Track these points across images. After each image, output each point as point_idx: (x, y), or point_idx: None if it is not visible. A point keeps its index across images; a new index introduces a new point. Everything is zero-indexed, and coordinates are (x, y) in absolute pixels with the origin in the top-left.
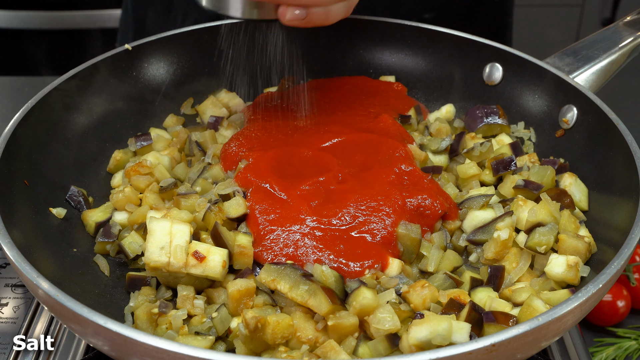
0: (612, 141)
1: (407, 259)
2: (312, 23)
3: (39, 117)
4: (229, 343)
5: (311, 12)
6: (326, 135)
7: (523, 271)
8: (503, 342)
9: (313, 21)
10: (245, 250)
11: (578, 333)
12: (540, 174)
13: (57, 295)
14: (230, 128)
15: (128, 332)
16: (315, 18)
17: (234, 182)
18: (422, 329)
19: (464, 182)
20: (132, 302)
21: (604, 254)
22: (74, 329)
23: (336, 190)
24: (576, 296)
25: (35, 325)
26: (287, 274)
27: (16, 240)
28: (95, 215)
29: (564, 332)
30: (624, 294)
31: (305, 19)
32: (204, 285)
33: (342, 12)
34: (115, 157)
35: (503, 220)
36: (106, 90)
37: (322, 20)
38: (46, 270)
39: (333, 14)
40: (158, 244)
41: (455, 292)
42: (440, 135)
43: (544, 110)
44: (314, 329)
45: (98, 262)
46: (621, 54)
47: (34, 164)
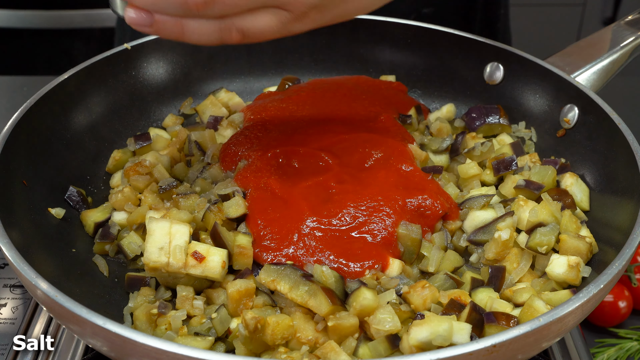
0: (614, 141)
1: (408, 260)
2: (163, 33)
3: (37, 116)
4: (228, 344)
5: (158, 20)
6: (326, 135)
7: (524, 271)
8: (504, 343)
9: (162, 31)
10: (244, 250)
11: (579, 334)
12: (541, 174)
13: (56, 295)
14: (229, 128)
15: (127, 332)
16: (163, 28)
17: (234, 182)
18: (423, 329)
19: (465, 182)
20: (131, 302)
21: (605, 254)
22: (73, 330)
23: (336, 190)
24: (577, 297)
25: (34, 325)
26: (287, 274)
27: (15, 240)
28: (94, 215)
29: (565, 332)
30: (625, 294)
31: (152, 27)
32: (203, 285)
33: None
34: (114, 157)
35: (504, 220)
36: (105, 90)
37: (176, 34)
38: (45, 271)
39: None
40: (157, 244)
41: (456, 292)
42: (440, 135)
43: (545, 110)
44: (314, 329)
45: (97, 263)
46: (622, 53)
47: (33, 164)
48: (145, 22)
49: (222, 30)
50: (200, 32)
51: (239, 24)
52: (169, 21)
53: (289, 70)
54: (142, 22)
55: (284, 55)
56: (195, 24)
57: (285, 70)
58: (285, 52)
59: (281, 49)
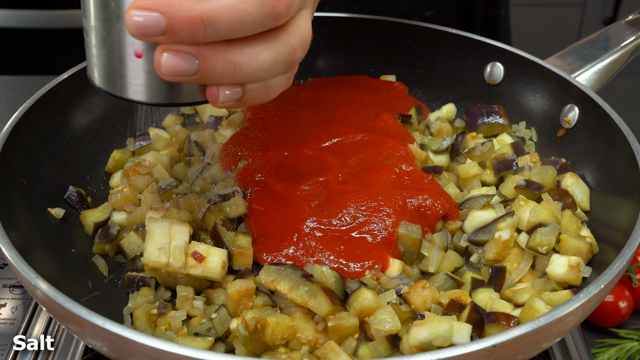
0: (614, 141)
1: (408, 260)
2: (250, 102)
3: (37, 116)
4: (228, 344)
5: (249, 90)
6: (326, 135)
7: (524, 272)
8: (504, 343)
9: (251, 100)
10: (244, 250)
11: (580, 334)
12: (541, 174)
13: (56, 296)
14: (229, 128)
15: (127, 333)
16: (253, 96)
17: (234, 182)
18: (423, 330)
19: (465, 182)
20: (130, 302)
21: (605, 254)
22: (73, 330)
23: (336, 190)
24: (578, 297)
25: (33, 326)
26: (287, 274)
27: (14, 240)
28: (94, 215)
29: (565, 333)
30: (626, 294)
31: (241, 99)
32: (203, 285)
33: (282, 84)
34: (114, 157)
35: (504, 220)
36: None
37: (262, 97)
38: (44, 271)
39: (273, 88)
40: (157, 244)
41: (456, 292)
42: (441, 135)
43: (546, 110)
44: (314, 329)
45: (97, 263)
46: (623, 53)
47: (33, 164)
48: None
49: (289, 78)
50: (278, 88)
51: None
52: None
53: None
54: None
55: None
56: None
57: None
58: None
59: None
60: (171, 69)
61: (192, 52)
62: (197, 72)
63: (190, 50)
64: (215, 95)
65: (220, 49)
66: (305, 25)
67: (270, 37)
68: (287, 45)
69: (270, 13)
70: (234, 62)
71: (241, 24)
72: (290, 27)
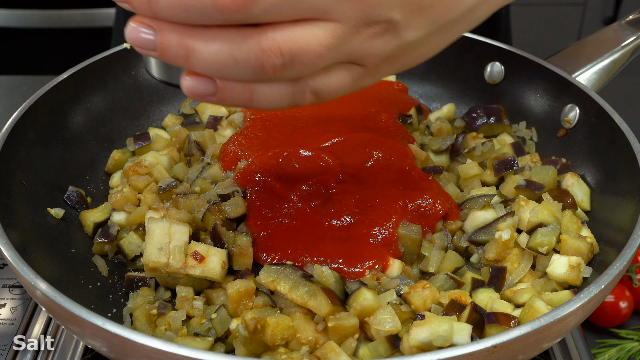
0: (615, 141)
1: (408, 260)
2: (228, 102)
3: (36, 116)
4: (228, 344)
5: (222, 88)
6: (326, 135)
7: (525, 272)
8: (504, 344)
9: (228, 99)
10: (244, 250)
11: (580, 334)
12: (542, 174)
13: (55, 296)
14: (229, 127)
15: (126, 333)
16: (230, 96)
17: (234, 182)
18: (423, 330)
19: (465, 182)
20: (130, 303)
21: (606, 254)
22: (72, 330)
23: (336, 190)
24: (578, 297)
25: (33, 326)
26: (287, 274)
27: (14, 240)
28: (94, 215)
29: (566, 333)
30: (626, 294)
31: (215, 95)
32: (203, 286)
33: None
34: (113, 157)
35: (504, 220)
36: (104, 90)
37: (243, 100)
38: (44, 271)
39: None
40: (157, 244)
41: (457, 293)
42: (441, 135)
43: (546, 110)
44: (314, 330)
45: (96, 263)
46: (623, 53)
47: (32, 164)
48: (208, 90)
49: (295, 93)
50: (272, 98)
51: (313, 84)
52: (236, 87)
53: None
54: (204, 91)
55: None
56: (266, 88)
57: None
58: None
59: None
60: (131, 37)
61: (151, 25)
62: (155, 47)
63: (151, 23)
64: (182, 82)
65: (179, 29)
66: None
67: (236, 32)
68: (254, 45)
69: (212, 4)
70: (187, 46)
71: (182, 7)
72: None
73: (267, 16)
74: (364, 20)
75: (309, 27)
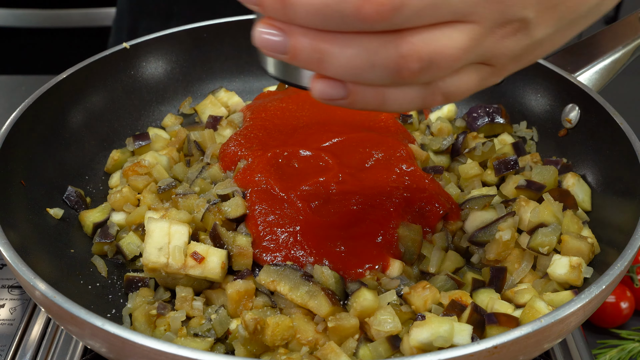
0: (616, 141)
1: (408, 260)
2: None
3: (35, 116)
4: (228, 345)
5: (354, 92)
6: (326, 135)
7: (525, 272)
8: (505, 344)
9: (358, 103)
10: (244, 251)
11: (581, 335)
12: (542, 174)
13: (54, 296)
14: (229, 127)
15: (126, 333)
16: (361, 100)
17: (233, 182)
18: (424, 330)
19: (466, 182)
20: (130, 303)
21: (607, 255)
22: (72, 331)
23: (336, 190)
24: (579, 297)
25: (32, 327)
26: (287, 275)
27: (13, 241)
28: (93, 215)
29: (566, 334)
30: (627, 295)
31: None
32: (202, 286)
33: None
34: (113, 157)
35: (505, 220)
36: (104, 89)
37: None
38: (43, 272)
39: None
40: (156, 244)
41: (457, 293)
42: (441, 134)
43: (547, 110)
44: (314, 330)
45: (95, 263)
46: (624, 52)
47: (31, 164)
48: (339, 94)
49: (427, 95)
50: (403, 100)
51: (444, 86)
52: (368, 91)
53: None
54: (335, 95)
55: None
56: (398, 92)
57: None
58: None
59: None
60: (261, 40)
61: (282, 28)
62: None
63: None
64: (312, 87)
65: (312, 33)
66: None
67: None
68: (392, 51)
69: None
70: (320, 50)
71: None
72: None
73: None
74: (500, 20)
75: (447, 30)
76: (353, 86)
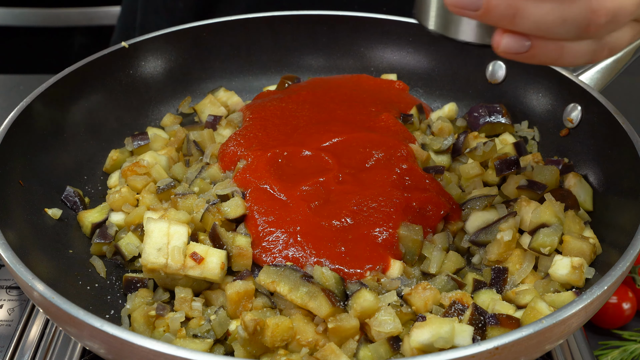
0: (618, 141)
1: (409, 261)
2: (538, 59)
3: (34, 115)
4: (227, 346)
5: (537, 45)
6: (326, 134)
7: (527, 273)
8: (506, 345)
9: (539, 57)
10: (244, 251)
11: (583, 336)
12: (544, 174)
13: (53, 297)
14: (228, 127)
15: (125, 335)
16: (542, 53)
17: (233, 182)
18: (424, 331)
19: (467, 182)
20: (128, 304)
21: (609, 255)
22: (70, 332)
23: (336, 190)
24: (581, 298)
25: (30, 328)
26: (287, 275)
27: (11, 241)
28: (92, 216)
29: (568, 334)
30: (629, 296)
31: (528, 53)
32: (202, 287)
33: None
34: (111, 156)
35: (506, 221)
36: (103, 89)
37: (553, 57)
38: (41, 272)
39: (569, 53)
40: (155, 245)
41: (458, 294)
42: (442, 134)
43: (548, 109)
44: (314, 331)
45: (94, 264)
46: (626, 52)
47: (29, 164)
48: (523, 48)
49: (597, 50)
50: (579, 54)
51: (610, 41)
52: (549, 45)
53: (288, 69)
54: (519, 49)
55: (284, 54)
56: (575, 46)
57: (285, 68)
58: (285, 50)
59: (280, 47)
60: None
61: None
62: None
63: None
64: (498, 41)
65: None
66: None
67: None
68: (584, 6)
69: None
70: (516, 6)
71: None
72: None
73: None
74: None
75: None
76: (537, 40)
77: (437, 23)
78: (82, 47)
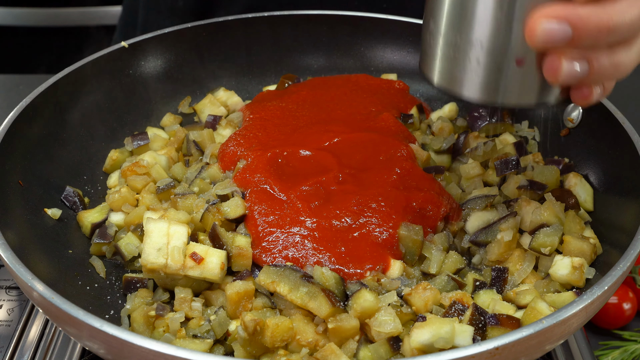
0: (618, 140)
1: (409, 261)
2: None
3: (34, 115)
4: (227, 346)
5: (594, 61)
6: (326, 134)
7: (527, 273)
8: (507, 346)
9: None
10: (243, 251)
11: (583, 336)
12: (544, 174)
13: (52, 297)
14: (228, 127)
15: (124, 335)
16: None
17: (233, 182)
18: (424, 332)
19: (467, 182)
20: (128, 304)
21: (609, 255)
22: (70, 332)
23: (336, 190)
24: (581, 298)
25: (30, 328)
26: (287, 275)
27: (10, 241)
28: (91, 216)
29: (568, 335)
30: (630, 296)
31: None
32: (201, 287)
33: (633, 63)
34: (111, 156)
35: (507, 221)
36: (102, 89)
37: (610, 74)
38: (41, 272)
39: (623, 65)
40: (155, 245)
41: (458, 294)
42: (442, 134)
43: (548, 109)
44: (314, 332)
45: (94, 264)
46: None
47: (29, 164)
48: (581, 73)
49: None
50: (629, 63)
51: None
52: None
53: (288, 69)
54: (577, 75)
55: (283, 54)
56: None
57: (285, 68)
58: (285, 50)
59: (280, 47)
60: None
61: (585, 57)
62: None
63: (583, 55)
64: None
65: (606, 50)
66: None
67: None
68: None
69: None
70: (618, 62)
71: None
72: None
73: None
74: None
75: None
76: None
77: (443, 77)
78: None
